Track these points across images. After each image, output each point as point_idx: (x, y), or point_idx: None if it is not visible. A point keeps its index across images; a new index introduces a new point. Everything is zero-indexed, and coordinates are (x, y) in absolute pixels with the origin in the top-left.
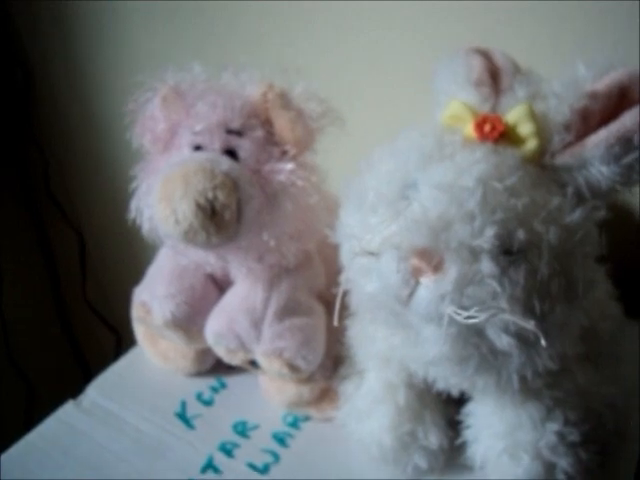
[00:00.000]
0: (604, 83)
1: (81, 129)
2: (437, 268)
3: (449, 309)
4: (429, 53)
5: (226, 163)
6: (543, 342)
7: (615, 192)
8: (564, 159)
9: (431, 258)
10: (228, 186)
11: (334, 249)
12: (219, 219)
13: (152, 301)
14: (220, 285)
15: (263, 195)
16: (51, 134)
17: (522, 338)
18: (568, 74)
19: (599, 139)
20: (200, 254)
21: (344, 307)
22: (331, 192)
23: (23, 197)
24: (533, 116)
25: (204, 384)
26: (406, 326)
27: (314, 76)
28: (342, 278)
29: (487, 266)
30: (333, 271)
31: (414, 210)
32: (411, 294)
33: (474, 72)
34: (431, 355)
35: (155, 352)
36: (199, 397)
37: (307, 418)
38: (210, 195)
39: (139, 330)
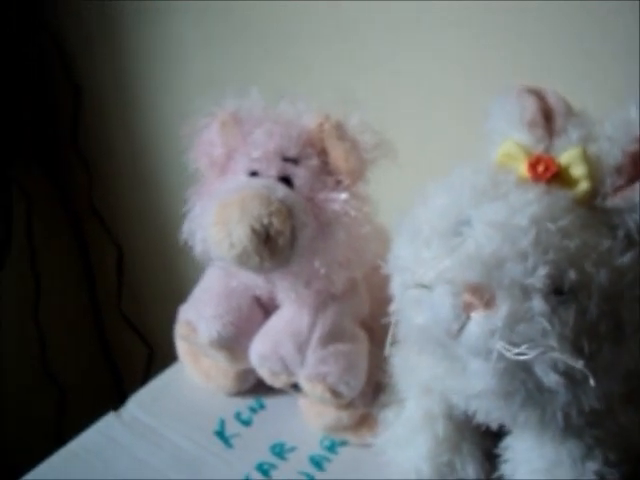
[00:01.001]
0: None
1: (127, 148)
2: (488, 304)
3: (498, 345)
4: (480, 88)
5: (282, 190)
6: (592, 382)
7: None
8: (615, 202)
9: (483, 294)
10: (283, 213)
11: (379, 277)
12: (273, 244)
13: (198, 320)
14: (266, 308)
15: (316, 223)
16: (97, 151)
17: (570, 377)
18: (620, 116)
19: None
20: (250, 277)
21: (386, 336)
22: (381, 223)
23: (66, 210)
24: (586, 158)
25: (243, 404)
26: (453, 358)
27: (367, 106)
28: (392, 309)
29: (538, 304)
30: (377, 299)
31: (468, 246)
32: (461, 328)
33: (527, 113)
34: (478, 389)
35: (197, 370)
36: (238, 416)
37: (345, 443)
38: (265, 221)
39: (182, 347)
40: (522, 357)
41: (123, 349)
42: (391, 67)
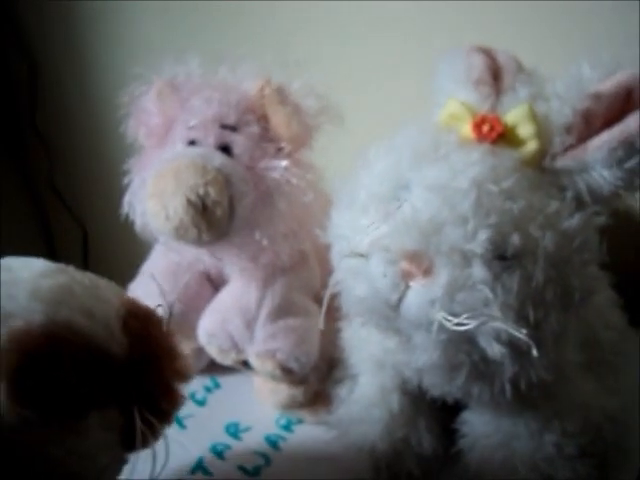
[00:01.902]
0: (609, 84)
1: (85, 124)
2: (427, 272)
3: (439, 315)
4: (431, 51)
5: (219, 159)
6: (534, 352)
7: (618, 197)
8: (565, 162)
9: (421, 262)
10: (220, 182)
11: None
12: (210, 215)
13: (145, 298)
14: (214, 283)
15: (257, 192)
16: (55, 129)
17: (515, 347)
18: (572, 74)
19: (601, 142)
20: (193, 252)
21: (337, 308)
22: (328, 191)
23: (27, 191)
24: (534, 117)
25: (198, 384)
26: (397, 331)
27: (313, 71)
28: (331, 280)
29: (479, 271)
30: (330, 272)
31: (405, 212)
32: (400, 298)
33: (475, 71)
34: (422, 361)
35: None
36: (192, 397)
37: (300, 421)
38: (201, 191)
39: None
40: (463, 327)
41: None
42: (337, 27)
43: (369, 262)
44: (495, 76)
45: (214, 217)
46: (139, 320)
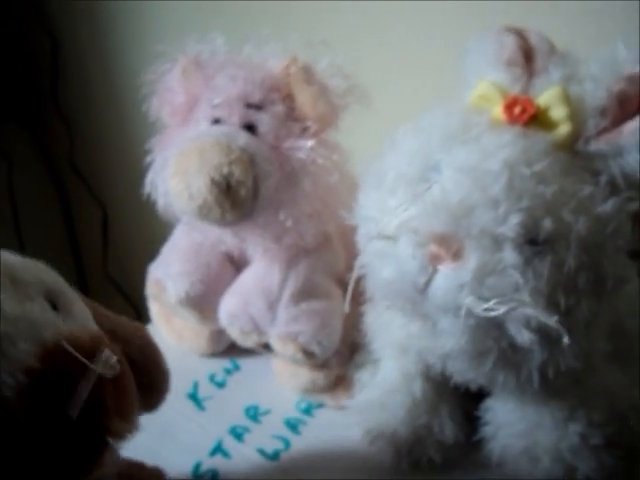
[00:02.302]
0: None
1: (106, 103)
2: (456, 256)
3: (467, 300)
4: (461, 31)
5: (243, 138)
6: (566, 339)
7: None
8: (598, 146)
9: (450, 245)
10: (244, 162)
11: (355, 232)
12: (234, 195)
13: (166, 279)
14: (237, 265)
15: (281, 172)
16: (77, 108)
17: (544, 334)
18: (606, 55)
19: (637, 126)
20: (216, 232)
21: (361, 292)
22: (354, 173)
23: (47, 170)
24: (567, 99)
25: (218, 365)
26: (423, 315)
27: (339, 51)
28: (357, 262)
29: (510, 256)
30: (354, 255)
31: (435, 193)
32: (428, 282)
33: (506, 51)
34: (448, 347)
35: (169, 330)
36: (212, 378)
37: (321, 405)
38: (225, 170)
39: (153, 308)
40: (492, 313)
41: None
42: (364, 6)
43: (397, 244)
44: (527, 57)
45: (238, 197)
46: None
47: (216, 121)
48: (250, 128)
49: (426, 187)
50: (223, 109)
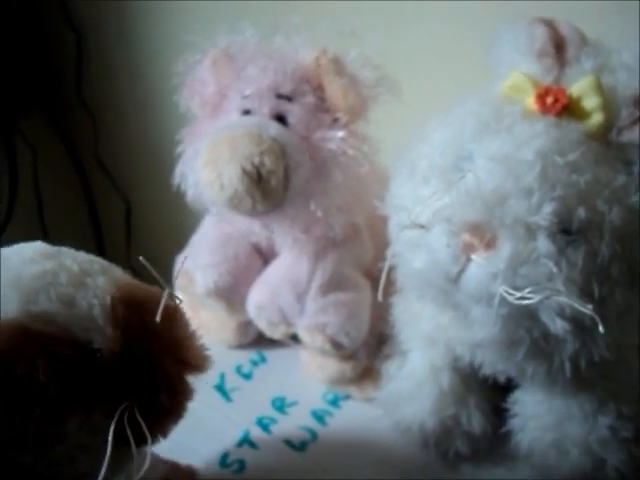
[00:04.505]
0: None
1: (130, 96)
2: (490, 245)
3: (501, 289)
4: (490, 22)
5: (274, 128)
6: (601, 328)
7: None
8: (632, 136)
9: (484, 234)
10: (275, 152)
11: (384, 223)
12: (265, 185)
13: (195, 269)
14: (265, 256)
15: (312, 163)
16: (101, 100)
17: (578, 323)
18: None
19: None
20: (245, 222)
21: (390, 283)
22: (383, 164)
23: (72, 161)
24: (599, 89)
25: (244, 357)
26: (455, 305)
27: (370, 41)
28: (389, 252)
29: (543, 245)
30: (382, 246)
31: (468, 182)
32: (461, 271)
33: (537, 42)
34: (480, 337)
35: (196, 322)
36: (238, 370)
37: (348, 397)
38: (257, 160)
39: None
40: (526, 301)
41: None
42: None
43: (430, 233)
44: (558, 48)
45: (269, 187)
46: (133, 309)
47: (246, 112)
48: (281, 119)
49: (460, 176)
50: (253, 100)
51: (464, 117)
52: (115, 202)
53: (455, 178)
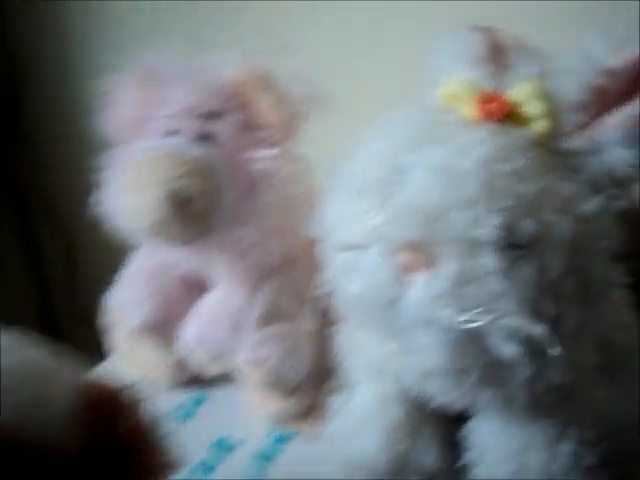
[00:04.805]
0: (622, 59)
1: (66, 126)
2: (431, 264)
3: (445, 312)
4: (427, 32)
5: (198, 149)
6: (555, 350)
7: (636, 180)
8: (578, 143)
9: (424, 252)
10: (200, 174)
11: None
12: (190, 210)
13: (124, 305)
14: (200, 287)
15: (241, 184)
16: (39, 133)
17: (531, 346)
18: (582, 49)
19: (617, 120)
20: (176, 253)
21: (331, 311)
22: (316, 184)
23: (11, 199)
24: (543, 94)
25: (185, 396)
26: (397, 332)
27: (299, 57)
28: (323, 277)
29: (489, 261)
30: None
31: (405, 197)
32: (401, 294)
33: (477, 49)
34: (426, 366)
35: (131, 361)
36: (177, 411)
37: (294, 435)
38: (179, 184)
39: (114, 337)
40: (472, 325)
41: (77, 339)
42: (323, 9)
43: (365, 255)
44: (498, 54)
45: (194, 212)
46: (99, 410)
47: (171, 133)
48: (207, 139)
49: (395, 191)
50: (178, 120)
51: (401, 127)
52: (56, 238)
53: (391, 192)
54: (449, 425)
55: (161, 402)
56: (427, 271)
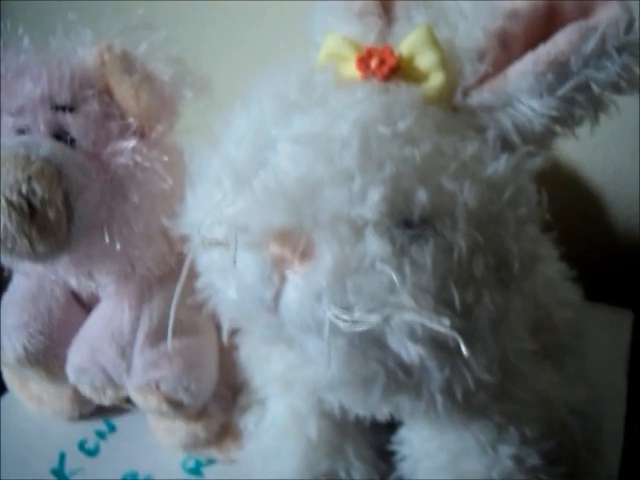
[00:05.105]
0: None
1: None
2: (306, 255)
3: (329, 312)
4: None
5: (47, 146)
6: (464, 350)
7: (553, 135)
8: (481, 96)
9: (295, 242)
10: (48, 175)
11: None
12: (41, 219)
13: (2, 334)
14: (88, 305)
15: (102, 184)
16: None
17: (439, 344)
18: None
19: (525, 66)
20: (53, 268)
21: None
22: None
23: None
24: (435, 42)
25: (89, 429)
26: (287, 340)
27: (169, 34)
28: (199, 283)
29: (376, 245)
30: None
31: (268, 176)
32: (277, 295)
33: (357, 1)
34: (322, 377)
35: (26, 395)
36: (82, 446)
37: (210, 461)
38: (25, 189)
39: (5, 372)
40: (361, 326)
41: None
42: None
43: (229, 251)
44: (385, 7)
45: (46, 221)
46: None
47: (21, 131)
48: (62, 134)
49: (253, 170)
50: (27, 116)
51: (265, 97)
52: None
53: (253, 174)
54: (378, 435)
55: (62, 438)
56: (302, 264)
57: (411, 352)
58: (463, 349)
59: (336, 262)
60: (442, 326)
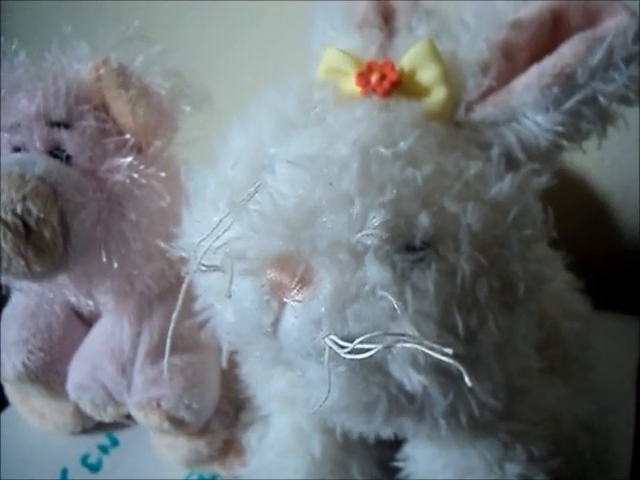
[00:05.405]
0: (531, 10)
1: None
2: (305, 281)
3: (328, 340)
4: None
5: (43, 164)
6: (467, 380)
7: (560, 150)
8: (485, 111)
9: (294, 268)
10: (43, 194)
11: None
12: (37, 239)
13: (2, 350)
14: (89, 322)
15: (99, 202)
16: None
17: (441, 372)
18: (483, 4)
19: (530, 80)
20: (53, 285)
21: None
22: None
23: None
24: (437, 56)
25: (91, 443)
26: (288, 364)
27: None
28: (198, 305)
29: (376, 271)
30: None
31: (265, 199)
32: (276, 321)
33: (357, 12)
34: (322, 402)
35: (28, 409)
36: (84, 461)
37: (214, 478)
38: (20, 208)
39: (8, 387)
40: (362, 355)
41: None
42: None
43: (225, 277)
44: (385, 18)
45: (42, 240)
46: None
47: (17, 149)
48: (58, 151)
49: (249, 193)
50: (22, 133)
51: (264, 114)
52: None
53: (245, 196)
54: (383, 452)
55: (64, 452)
56: (301, 291)
57: (413, 380)
58: (466, 379)
59: (335, 289)
60: (445, 356)
